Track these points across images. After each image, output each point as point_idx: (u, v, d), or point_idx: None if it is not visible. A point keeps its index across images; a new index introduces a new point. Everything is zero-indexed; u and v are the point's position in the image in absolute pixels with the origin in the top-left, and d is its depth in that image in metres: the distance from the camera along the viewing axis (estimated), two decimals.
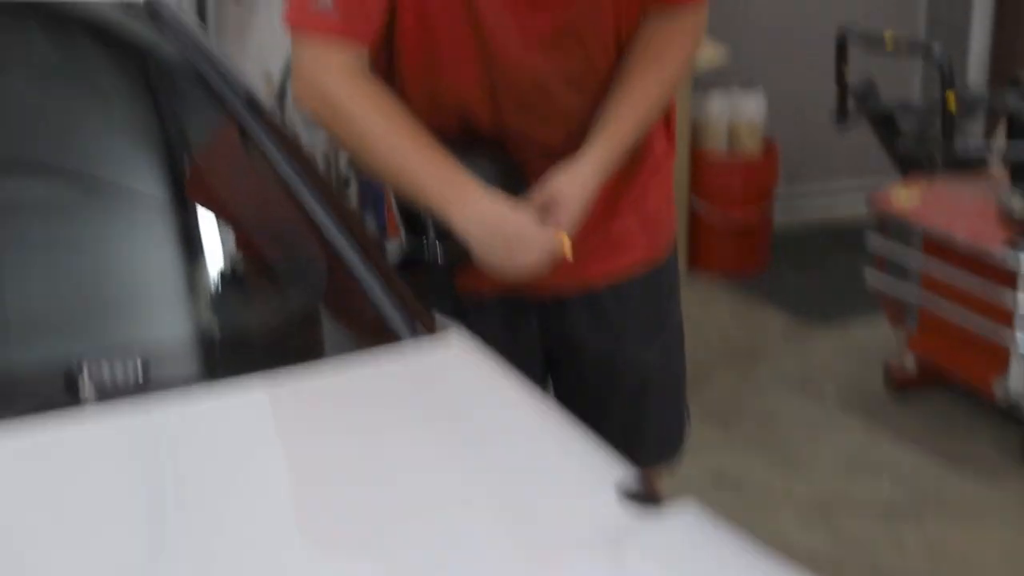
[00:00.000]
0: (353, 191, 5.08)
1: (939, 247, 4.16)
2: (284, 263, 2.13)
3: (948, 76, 4.15)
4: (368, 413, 1.77)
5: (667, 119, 2.41)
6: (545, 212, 2.15)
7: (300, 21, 2.15)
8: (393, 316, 1.95)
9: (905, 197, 4.27)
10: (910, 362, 4.43)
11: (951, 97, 4.18)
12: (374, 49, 2.19)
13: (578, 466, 1.76)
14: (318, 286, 2.08)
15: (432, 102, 2.25)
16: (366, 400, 1.80)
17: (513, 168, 2.24)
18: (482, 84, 2.22)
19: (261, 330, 1.95)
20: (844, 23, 4.57)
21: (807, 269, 5.67)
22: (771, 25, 6.02)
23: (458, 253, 2.15)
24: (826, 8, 5.92)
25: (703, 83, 5.60)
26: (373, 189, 4.86)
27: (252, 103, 2.17)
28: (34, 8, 2.18)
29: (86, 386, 1.68)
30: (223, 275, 2.01)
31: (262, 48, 5.32)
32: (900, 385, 4.45)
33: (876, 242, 4.39)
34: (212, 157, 2.25)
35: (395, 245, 2.22)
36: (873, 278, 4.42)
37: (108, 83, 2.25)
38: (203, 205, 2.14)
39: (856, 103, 4.51)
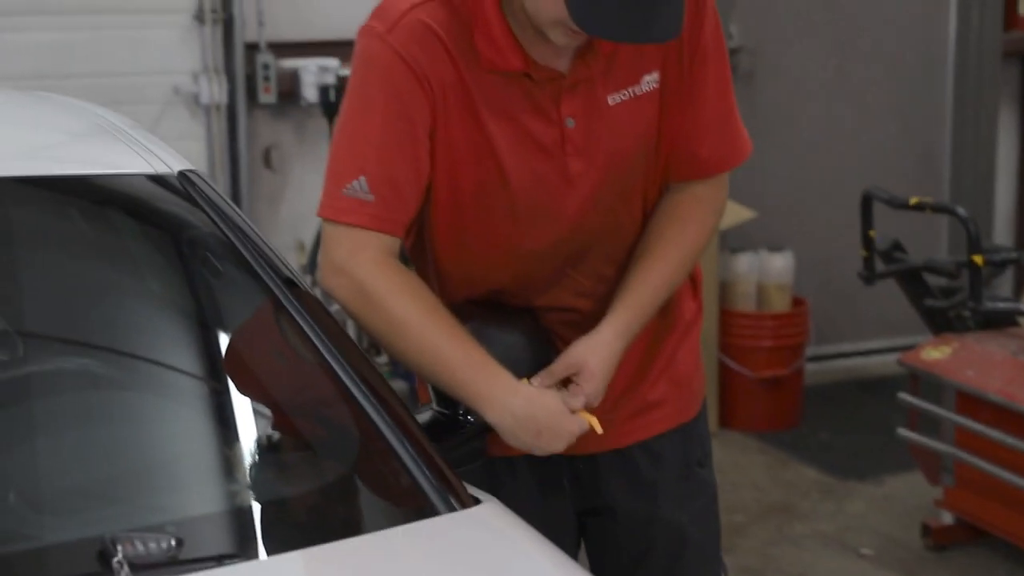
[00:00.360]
0: (385, 359, 5.11)
1: (972, 403, 4.14)
2: (318, 437, 2.13)
3: (975, 237, 4.18)
4: None
5: (694, 282, 2.44)
6: (569, 382, 2.18)
7: (334, 211, 2.16)
8: (429, 490, 1.95)
9: (936, 354, 4.27)
10: (948, 517, 4.39)
11: (979, 257, 4.21)
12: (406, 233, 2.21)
13: None
14: (353, 460, 2.08)
15: (462, 273, 2.28)
16: None
17: (541, 335, 2.27)
18: (511, 258, 2.26)
19: (297, 505, 1.95)
20: (868, 185, 4.62)
21: (840, 425, 5.64)
22: (797, 187, 6.08)
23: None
24: (851, 170, 5.98)
25: (731, 244, 5.65)
26: None
27: (282, 275, 2.19)
28: (67, 182, 2.20)
29: (120, 563, 1.67)
30: (257, 449, 2.01)
31: (294, 217, 5.40)
32: (938, 541, 4.40)
33: (908, 399, 4.37)
34: (244, 330, 2.27)
35: (426, 412, 2.23)
36: (907, 435, 4.40)
37: (140, 256, 2.27)
38: (236, 378, 2.15)
39: (883, 262, 4.53)
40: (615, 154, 2.22)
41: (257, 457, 1.99)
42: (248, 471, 1.98)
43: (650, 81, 2.21)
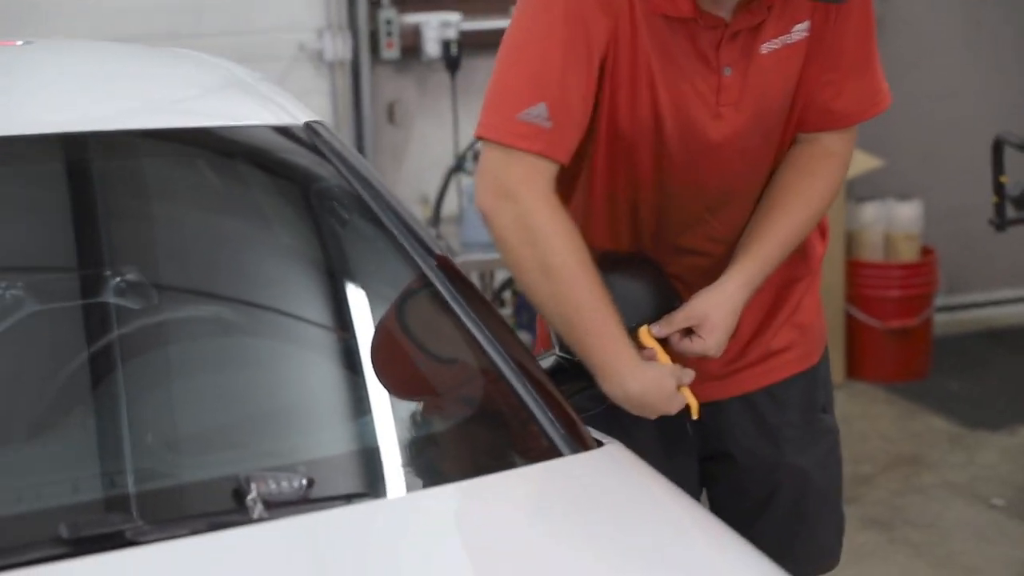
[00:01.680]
0: (510, 311, 5.15)
1: None
2: (445, 381, 2.17)
3: None
4: (533, 530, 1.79)
5: (821, 230, 2.43)
6: (691, 332, 2.20)
7: (506, 135, 2.11)
8: (553, 433, 1.97)
9: None
10: None
11: None
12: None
13: None
14: (479, 403, 2.11)
15: (609, 208, 2.29)
16: (531, 518, 1.83)
17: (664, 282, 2.27)
18: (656, 195, 2.27)
19: (423, 447, 1.98)
20: (1000, 130, 4.53)
21: (970, 375, 5.57)
22: (927, 135, 5.99)
23: None
24: (982, 117, 5.87)
25: (858, 193, 5.58)
26: (528, 307, 4.91)
27: (408, 225, 2.21)
28: (196, 134, 2.24)
29: (254, 500, 1.72)
30: (384, 393, 2.05)
31: (418, 171, 5.44)
32: None
33: None
34: (371, 278, 2.31)
35: (550, 357, 2.26)
36: None
37: (268, 206, 2.31)
38: (364, 326, 2.18)
39: (1015, 209, 4.45)
40: (763, 102, 2.22)
41: (384, 401, 2.03)
42: (375, 414, 2.01)
43: (800, 30, 2.21)
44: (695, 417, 2.20)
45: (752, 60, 2.19)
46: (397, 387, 2.09)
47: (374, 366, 2.05)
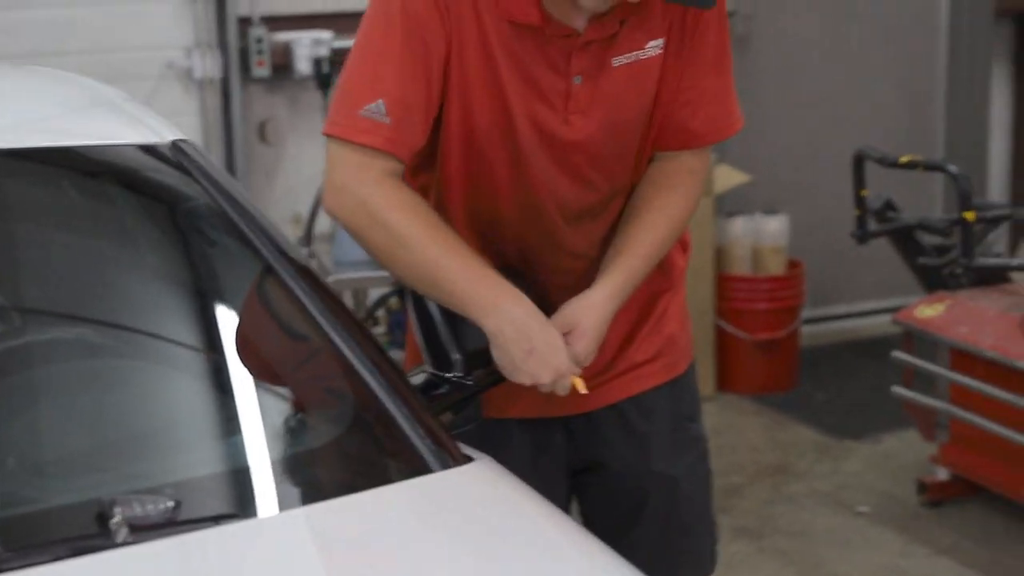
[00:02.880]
0: (383, 329, 5.15)
1: (966, 359, 4.17)
2: (313, 400, 2.17)
3: (966, 194, 4.20)
4: (404, 548, 1.79)
5: (682, 243, 2.47)
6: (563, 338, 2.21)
7: (348, 130, 2.17)
8: (423, 449, 1.98)
9: (930, 312, 4.30)
10: (943, 473, 4.43)
11: (971, 216, 4.23)
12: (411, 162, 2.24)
13: None
14: (348, 421, 2.11)
15: (469, 219, 2.31)
16: (402, 535, 1.83)
17: (536, 296, 2.30)
18: (511, 208, 2.29)
19: (292, 466, 1.98)
20: (860, 145, 4.65)
21: (836, 385, 5.68)
22: (792, 150, 6.10)
23: (485, 378, 2.21)
24: (845, 132, 6.00)
25: (726, 208, 5.67)
26: (402, 326, 4.91)
27: (277, 244, 2.21)
28: (59, 153, 2.21)
29: (118, 524, 1.70)
30: (251, 413, 2.04)
31: (290, 189, 5.42)
32: (934, 497, 4.44)
33: (903, 357, 4.40)
34: (239, 298, 2.30)
35: (420, 374, 2.26)
36: (902, 392, 4.43)
37: (134, 226, 2.28)
38: (232, 346, 2.17)
39: (876, 222, 4.56)
40: (615, 114, 2.25)
41: (252, 420, 2.02)
42: (243, 434, 2.01)
43: (655, 47, 2.25)
44: (582, 391, 2.21)
45: (604, 71, 2.22)
46: (264, 406, 2.08)
47: (241, 386, 2.04)
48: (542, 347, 2.16)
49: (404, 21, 2.15)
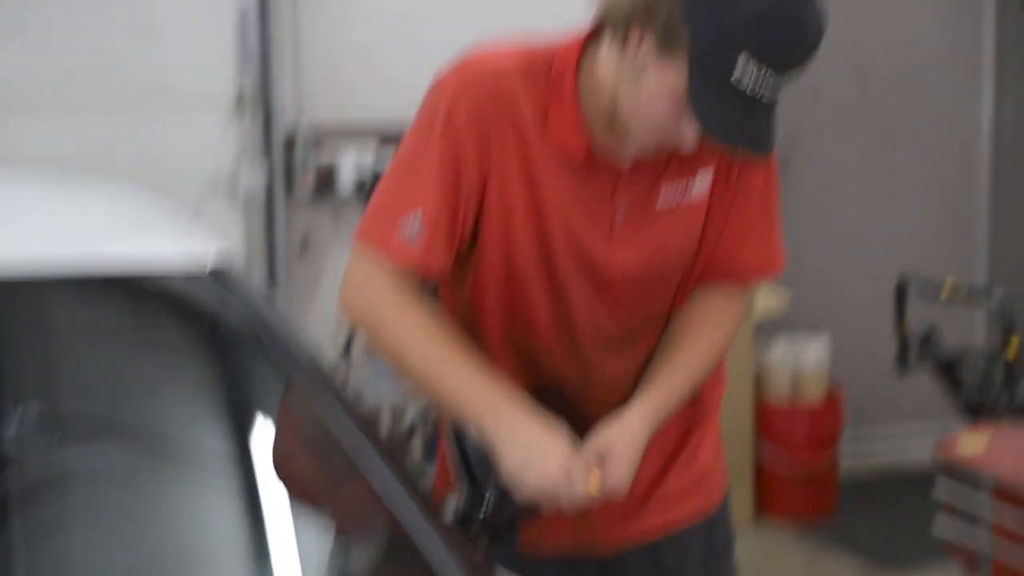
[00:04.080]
0: (418, 445, 5.12)
1: (1010, 494, 4.10)
2: (346, 528, 2.15)
3: (1009, 322, 4.17)
4: None
5: (717, 375, 2.46)
6: (597, 465, 2.19)
7: (380, 238, 2.19)
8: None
9: (972, 444, 4.24)
10: None
11: (1014, 342, 4.19)
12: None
13: None
14: (380, 546, 2.09)
15: (506, 348, 2.31)
16: None
17: (572, 420, 2.28)
18: (550, 335, 2.29)
19: None
20: (904, 269, 4.62)
21: (877, 514, 5.60)
22: (833, 271, 6.09)
23: (519, 508, 2.18)
24: (887, 253, 5.98)
25: (766, 329, 5.64)
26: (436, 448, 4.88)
27: (314, 367, 2.21)
28: (103, 283, 2.23)
29: None
30: (287, 542, 2.03)
31: (332, 304, 5.42)
32: None
33: (945, 489, 4.34)
34: (277, 424, 2.29)
35: (453, 500, 2.24)
36: (943, 526, 4.36)
37: (175, 350, 2.30)
38: (269, 472, 2.17)
39: (919, 350, 4.52)
40: (657, 250, 2.26)
41: (287, 549, 2.00)
42: (276, 563, 1.99)
43: (702, 183, 2.25)
44: (593, 492, 2.15)
45: (648, 211, 2.23)
46: (299, 534, 2.06)
47: (276, 515, 2.03)
48: (541, 447, 2.12)
49: (443, 144, 2.17)
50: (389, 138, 5.35)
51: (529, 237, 2.22)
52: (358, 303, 2.21)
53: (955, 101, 6.21)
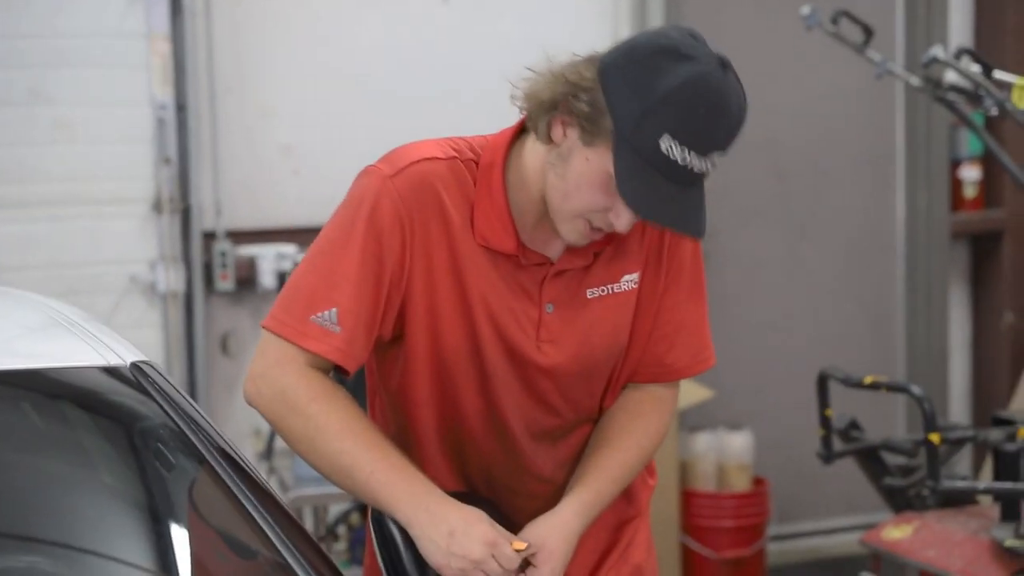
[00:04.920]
0: (344, 546, 5.06)
1: None
2: None
3: (930, 416, 4.20)
4: None
5: (649, 469, 2.45)
6: (527, 564, 2.16)
7: (296, 333, 2.15)
8: None
9: (897, 534, 4.26)
10: None
11: (935, 437, 4.22)
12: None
13: None
14: None
15: (435, 443, 2.29)
16: None
17: (500, 520, 2.26)
18: (479, 431, 2.28)
19: None
20: (825, 363, 4.66)
21: None
22: (754, 366, 6.12)
23: None
24: (807, 349, 6.03)
25: (689, 423, 5.65)
26: (362, 542, 4.82)
27: (233, 463, 2.18)
28: (18, 375, 2.19)
29: None
30: None
31: None
32: None
33: None
34: (198, 521, 2.25)
35: None
36: None
37: (93, 449, 2.26)
38: (190, 571, 2.12)
39: (841, 441, 4.54)
40: (586, 345, 2.25)
41: None
42: None
43: (629, 281, 2.25)
44: (524, 551, 2.13)
45: (576, 302, 2.23)
46: None
47: None
48: (461, 525, 2.10)
49: (365, 237, 2.15)
50: (308, 237, 5.34)
51: (457, 332, 2.20)
52: (267, 388, 2.16)
53: (870, 196, 6.31)
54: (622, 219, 2.10)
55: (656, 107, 2.00)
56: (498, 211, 2.17)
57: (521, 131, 2.20)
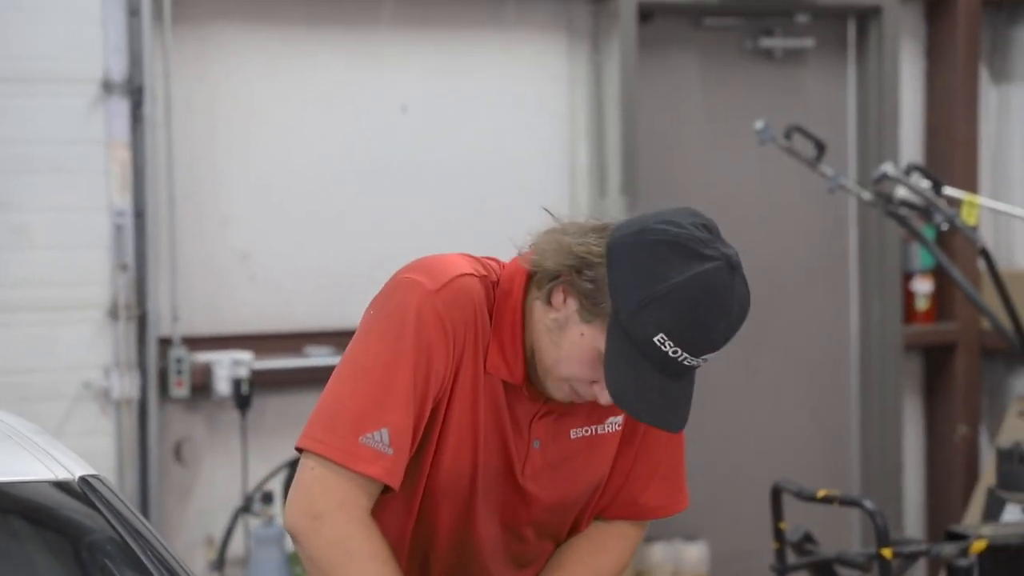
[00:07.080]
0: None
1: None
2: None
3: (883, 530, 4.20)
4: None
5: None
6: None
7: (346, 456, 2.08)
8: None
9: None
10: None
11: (887, 552, 4.22)
12: None
13: None
14: None
15: (409, 551, 2.27)
16: None
17: None
18: (448, 546, 2.27)
19: None
20: (778, 476, 4.67)
21: None
22: (709, 479, 6.12)
23: None
24: (761, 462, 6.04)
25: (646, 534, 5.63)
26: None
27: None
28: None
29: None
30: None
31: (205, 511, 5.33)
32: None
33: None
34: None
35: None
36: None
37: (39, 563, 2.23)
38: None
39: (795, 554, 4.54)
40: (566, 483, 2.27)
41: None
42: None
43: (613, 423, 2.27)
44: None
45: (560, 440, 2.24)
46: None
47: None
48: None
49: (416, 354, 2.11)
50: (264, 343, 5.33)
51: (462, 451, 2.19)
52: (330, 532, 2.08)
53: (823, 308, 6.35)
54: (604, 395, 2.13)
55: (656, 302, 2.02)
56: (512, 341, 2.17)
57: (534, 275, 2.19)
